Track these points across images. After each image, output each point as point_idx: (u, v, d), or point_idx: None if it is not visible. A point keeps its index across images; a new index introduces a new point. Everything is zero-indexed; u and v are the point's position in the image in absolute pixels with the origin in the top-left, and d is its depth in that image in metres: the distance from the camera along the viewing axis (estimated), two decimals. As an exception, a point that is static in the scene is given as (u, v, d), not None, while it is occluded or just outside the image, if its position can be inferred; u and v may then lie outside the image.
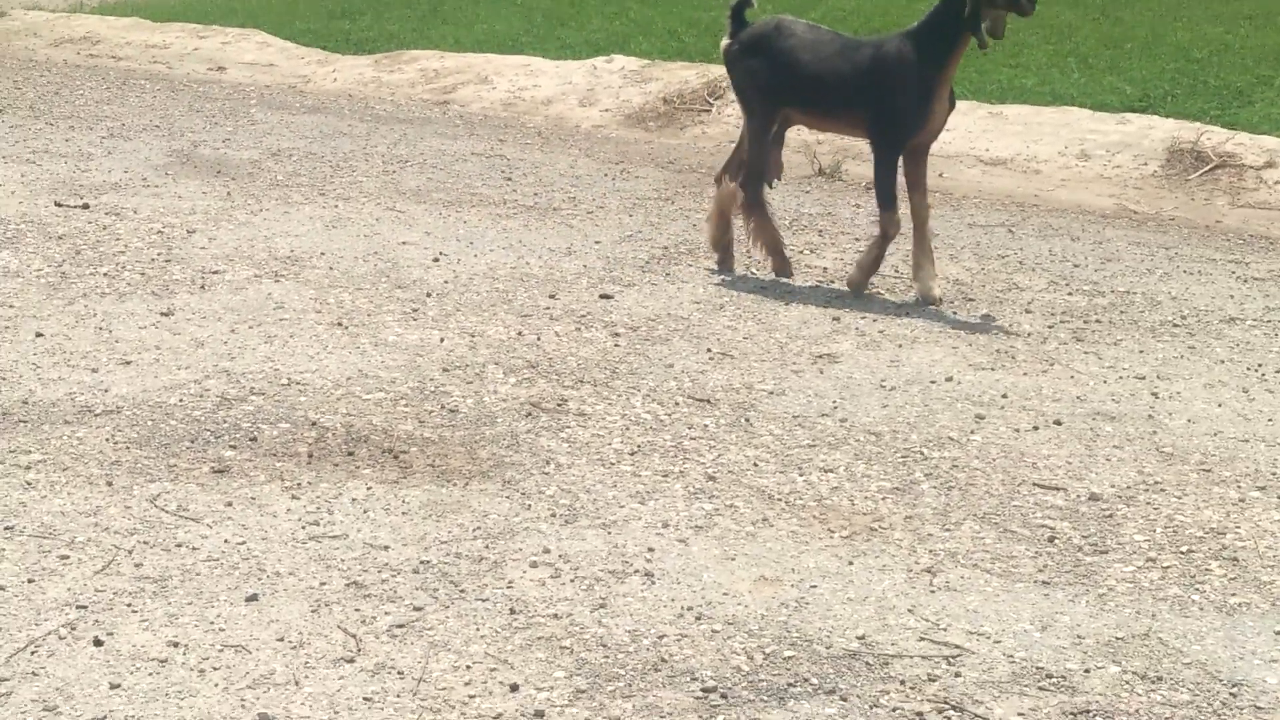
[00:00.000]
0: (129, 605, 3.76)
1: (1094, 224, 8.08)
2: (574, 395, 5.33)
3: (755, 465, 4.77)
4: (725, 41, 6.71)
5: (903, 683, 3.55)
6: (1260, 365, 5.71)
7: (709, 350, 5.83)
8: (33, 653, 3.52)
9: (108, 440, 4.75)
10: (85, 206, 7.67)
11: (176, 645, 3.61)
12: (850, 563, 4.13)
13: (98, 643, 3.57)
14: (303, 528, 4.27)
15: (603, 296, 6.46)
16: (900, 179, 6.46)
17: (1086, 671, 3.60)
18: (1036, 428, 5.09)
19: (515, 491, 4.55)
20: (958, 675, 3.58)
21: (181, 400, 5.13)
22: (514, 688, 3.51)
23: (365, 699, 3.44)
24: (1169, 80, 11.17)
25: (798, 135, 10.52)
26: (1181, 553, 4.20)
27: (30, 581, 3.85)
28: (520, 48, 13.88)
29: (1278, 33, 12.62)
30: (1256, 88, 10.87)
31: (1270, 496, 4.55)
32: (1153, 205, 8.81)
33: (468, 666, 3.60)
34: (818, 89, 6.43)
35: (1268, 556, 4.18)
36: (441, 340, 5.86)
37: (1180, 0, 14.44)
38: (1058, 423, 5.12)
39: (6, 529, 4.12)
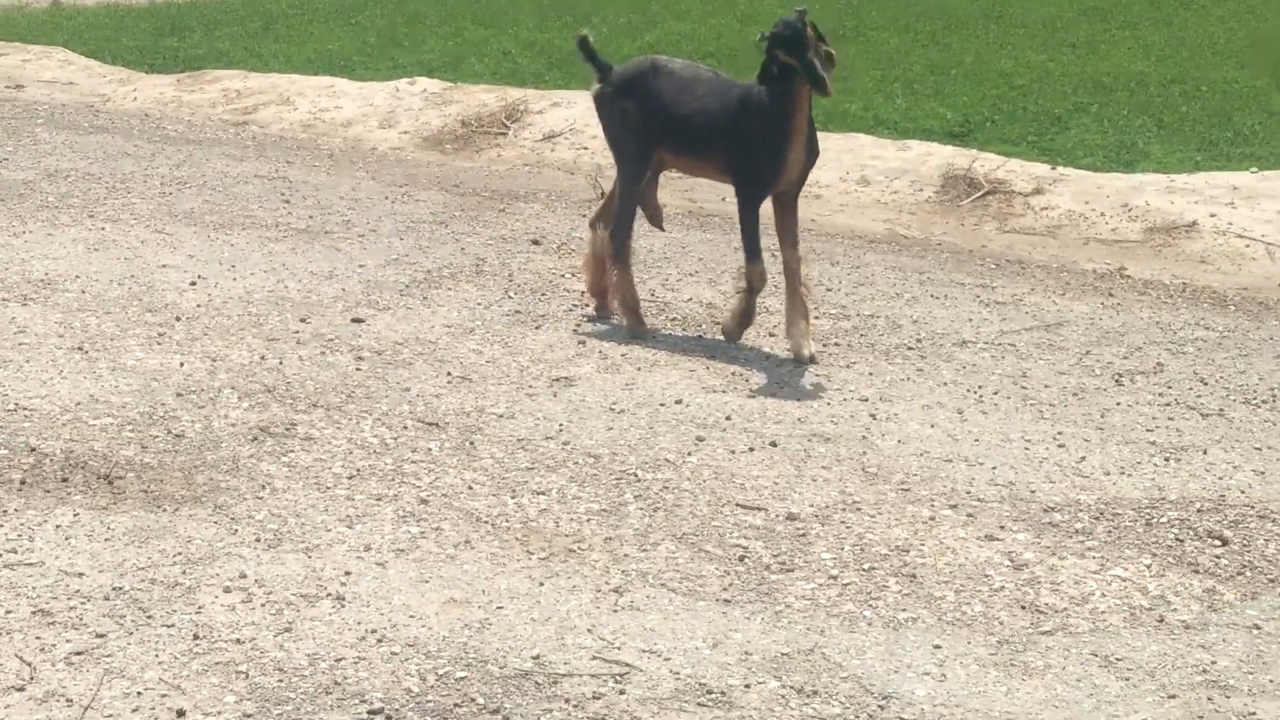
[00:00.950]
0: None
1: (857, 248, 8.29)
2: (304, 419, 5.37)
3: (470, 488, 4.85)
4: (595, 85, 6.45)
5: (567, 701, 3.65)
6: (980, 387, 5.93)
7: (449, 374, 5.90)
8: None
9: None
10: None
11: None
12: (541, 584, 4.23)
13: None
14: (-2, 556, 4.25)
15: (354, 320, 6.50)
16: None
17: (747, 687, 3.74)
18: (752, 449, 5.23)
19: (225, 516, 4.58)
20: (622, 693, 3.69)
21: (-103, 427, 5.07)
22: (180, 713, 3.55)
23: (25, 727, 3.45)
24: (990, 106, 11.49)
25: (587, 159, 10.67)
26: (864, 570, 4.36)
27: None
28: (351, 68, 13.84)
29: (1099, 61, 13.06)
30: (1073, 115, 11.24)
31: (960, 514, 4.74)
32: (923, 230, 9.07)
33: (139, 693, 3.62)
34: (687, 130, 6.22)
35: (944, 573, 4.36)
36: (181, 365, 5.86)
37: (1008, 28, 14.88)
38: (773, 444, 5.28)
39: None
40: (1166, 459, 5.22)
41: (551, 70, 13.48)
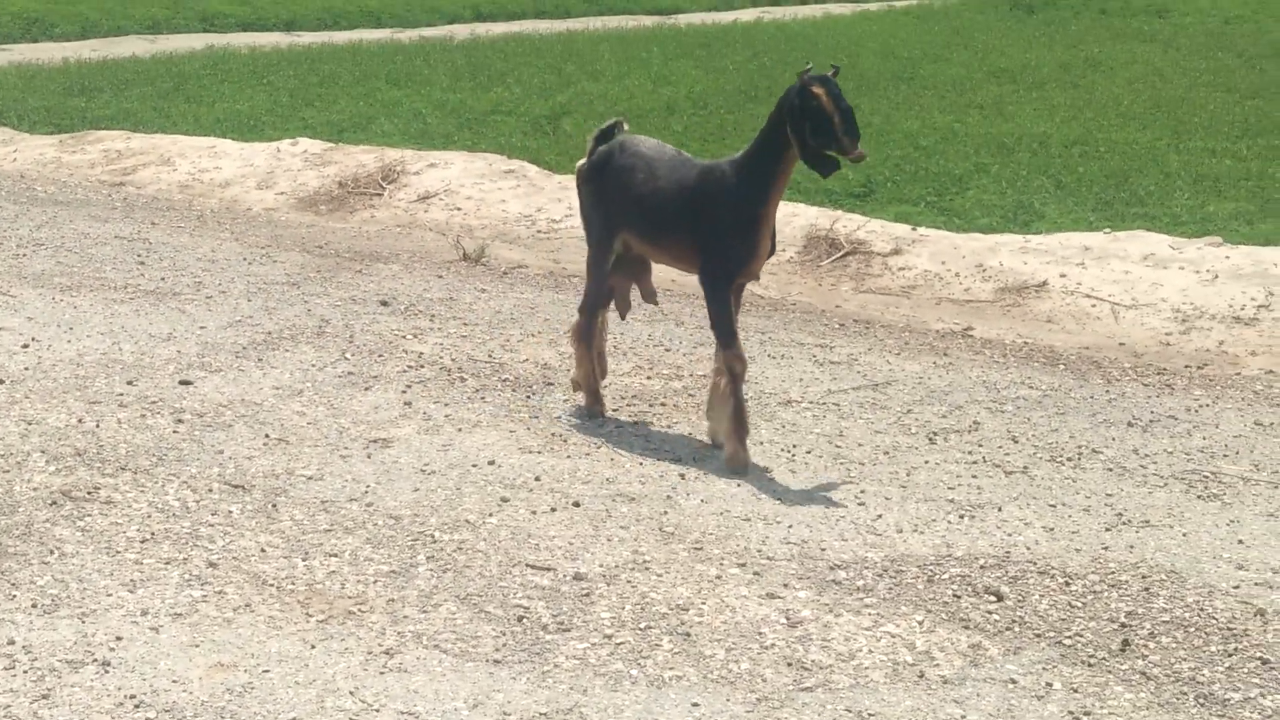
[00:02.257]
0: None
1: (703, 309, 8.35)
2: (109, 483, 5.35)
3: (263, 551, 4.85)
4: (581, 161, 6.24)
5: (317, 764, 3.66)
6: (795, 446, 6.00)
7: (267, 436, 5.90)
8: None
9: None
10: None
11: None
12: (314, 647, 4.23)
13: None
14: None
15: (182, 383, 6.50)
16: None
17: (499, 747, 3.75)
18: (554, 509, 5.27)
19: (5, 582, 4.56)
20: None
21: None
22: (-84, 782, 3.52)
23: None
24: (893, 167, 11.67)
25: (459, 219, 10.73)
26: (640, 629, 4.40)
27: None
28: (261, 129, 13.88)
29: (1005, 122, 13.30)
30: (973, 175, 11.45)
31: (747, 573, 4.79)
32: (781, 290, 9.17)
33: (-122, 761, 3.59)
34: (647, 213, 5.88)
35: (720, 631, 4.40)
36: (-5, 429, 5.83)
37: (918, 90, 15.14)
38: (576, 504, 5.32)
39: None
40: (961, 516, 5.31)
41: (462, 130, 13.59)
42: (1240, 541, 5.12)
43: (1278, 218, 10.15)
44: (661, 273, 6.65)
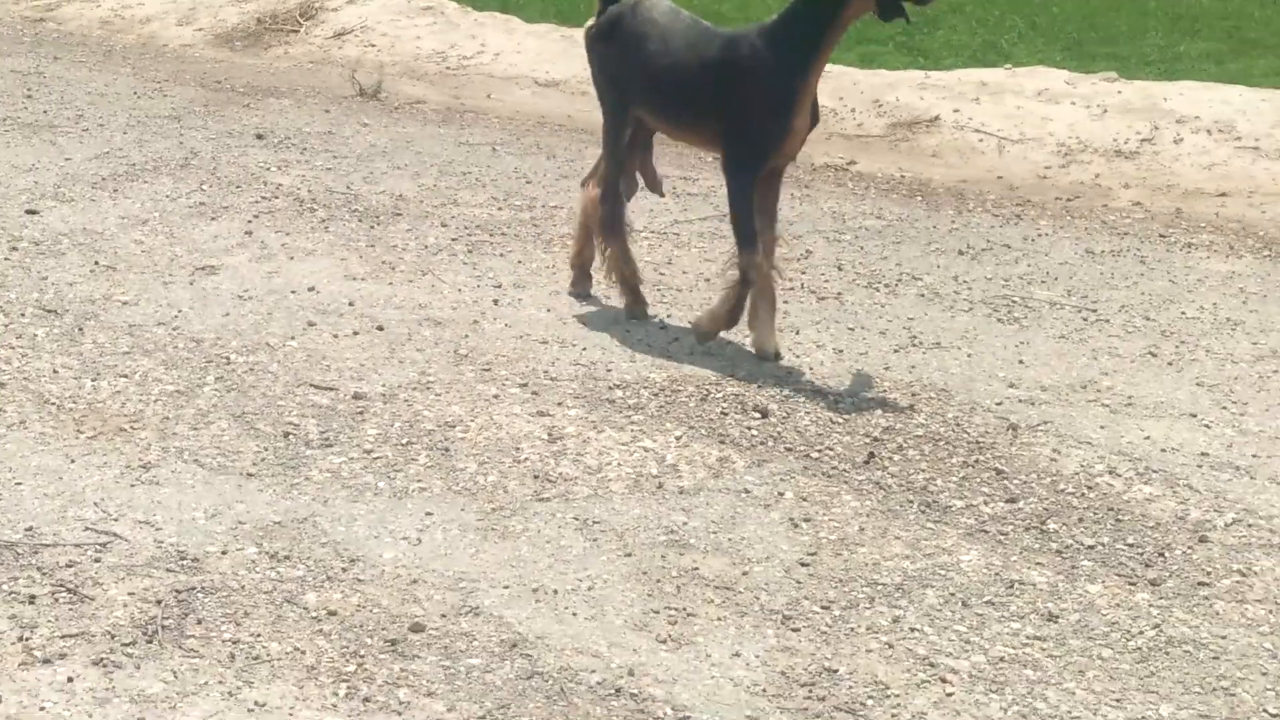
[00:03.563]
0: None
1: (584, 144, 8.36)
2: (-77, 308, 5.44)
3: (55, 372, 4.96)
4: (589, 22, 5.67)
5: (39, 569, 3.79)
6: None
7: (96, 263, 5.98)
8: None
9: None
10: None
11: None
12: (73, 461, 4.35)
13: None
14: None
15: (28, 212, 6.57)
16: None
17: (223, 554, 3.88)
18: (357, 333, 5.36)
19: None
20: (96, 560, 3.83)
21: None
22: None
23: None
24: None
25: (373, 56, 10.68)
26: (401, 445, 4.51)
27: None
28: None
29: None
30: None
31: (526, 393, 4.89)
32: (675, 125, 9.14)
33: None
34: (663, 89, 5.26)
35: (479, 447, 4.51)
36: None
37: None
38: (380, 328, 5.40)
39: None
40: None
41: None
42: (1021, 361, 5.20)
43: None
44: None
